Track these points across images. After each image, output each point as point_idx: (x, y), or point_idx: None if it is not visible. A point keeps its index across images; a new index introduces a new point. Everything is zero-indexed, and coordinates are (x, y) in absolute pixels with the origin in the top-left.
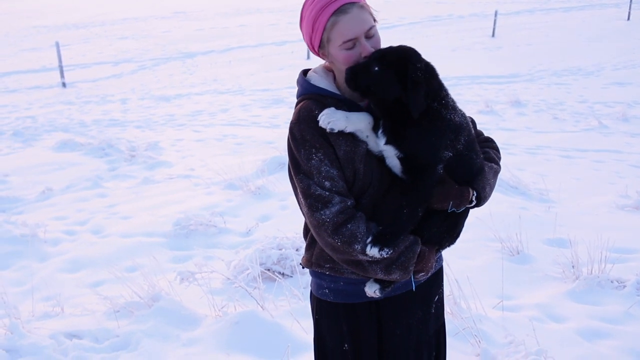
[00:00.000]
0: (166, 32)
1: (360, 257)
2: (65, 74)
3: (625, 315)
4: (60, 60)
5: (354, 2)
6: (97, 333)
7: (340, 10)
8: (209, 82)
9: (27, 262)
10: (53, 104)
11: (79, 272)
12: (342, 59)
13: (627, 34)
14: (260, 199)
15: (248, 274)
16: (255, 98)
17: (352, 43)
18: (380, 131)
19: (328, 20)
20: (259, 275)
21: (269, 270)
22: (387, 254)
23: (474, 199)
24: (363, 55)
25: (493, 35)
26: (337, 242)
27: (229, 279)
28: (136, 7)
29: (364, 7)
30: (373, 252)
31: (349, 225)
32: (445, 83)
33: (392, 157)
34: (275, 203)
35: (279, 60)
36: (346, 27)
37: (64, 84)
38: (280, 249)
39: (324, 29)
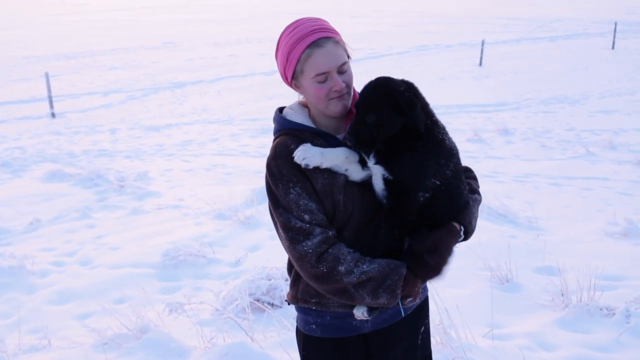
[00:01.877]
0: (156, 63)
1: (345, 280)
2: (54, 104)
3: (615, 343)
4: (49, 91)
5: (329, 37)
6: None
7: (315, 44)
8: (198, 111)
9: (14, 294)
10: (42, 134)
11: (66, 304)
12: (313, 91)
13: (612, 62)
14: (249, 228)
15: (237, 305)
16: (244, 127)
17: (324, 77)
18: (371, 155)
19: (303, 52)
20: (248, 306)
21: (258, 300)
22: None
23: (462, 234)
24: (334, 89)
25: (480, 64)
26: (322, 268)
27: (218, 309)
28: (126, 37)
29: (339, 43)
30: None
31: (330, 250)
32: (434, 111)
33: (378, 176)
34: (265, 233)
35: (268, 90)
36: (320, 60)
37: (53, 115)
38: (269, 279)
39: (298, 60)
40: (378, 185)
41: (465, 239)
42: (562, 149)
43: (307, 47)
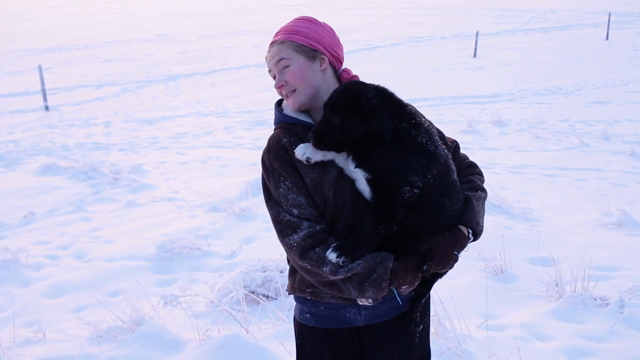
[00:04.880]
0: (149, 55)
1: (332, 278)
2: (48, 97)
3: (609, 333)
4: (43, 84)
5: (275, 41)
6: (80, 359)
7: (269, 48)
8: (192, 104)
9: (8, 287)
10: (36, 127)
11: (61, 297)
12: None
13: (606, 53)
14: (244, 221)
15: (232, 297)
16: (239, 120)
17: (272, 74)
18: (350, 157)
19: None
20: (243, 298)
21: (253, 292)
22: (342, 262)
23: (470, 235)
24: (275, 87)
25: (475, 55)
26: (307, 265)
27: (212, 302)
28: (119, 29)
29: (283, 43)
30: (331, 256)
31: (316, 249)
32: (429, 103)
33: (361, 179)
34: (260, 225)
35: (262, 82)
36: (267, 62)
37: (46, 108)
38: (264, 271)
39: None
40: (364, 191)
41: (475, 239)
42: (556, 140)
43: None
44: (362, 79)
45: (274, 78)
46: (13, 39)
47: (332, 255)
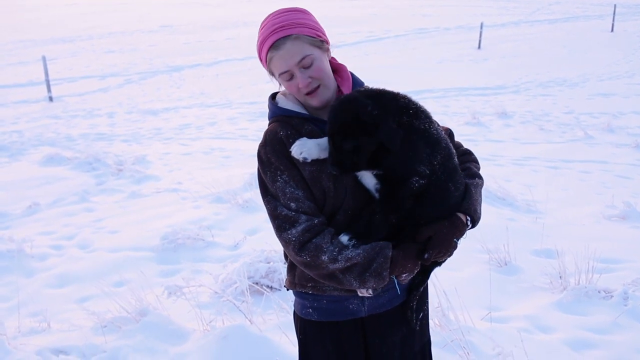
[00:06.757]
0: (153, 46)
1: (331, 267)
2: (52, 88)
3: (612, 325)
4: (47, 74)
5: (287, 36)
6: (84, 349)
7: (274, 47)
8: (196, 95)
9: (13, 277)
10: (40, 118)
11: (65, 287)
12: (287, 87)
13: (611, 45)
14: (248, 212)
15: (236, 288)
16: (242, 111)
17: (289, 75)
18: None
19: (267, 56)
20: (247, 289)
21: (257, 283)
22: (352, 244)
23: (469, 223)
24: (299, 86)
25: (479, 47)
26: (306, 257)
27: (216, 292)
28: (123, 20)
29: (298, 38)
30: (343, 238)
31: (314, 240)
32: (432, 95)
33: (366, 173)
34: (263, 216)
35: (265, 73)
36: (279, 62)
37: (50, 98)
38: (268, 262)
39: (267, 64)
40: (369, 183)
41: (473, 226)
42: (560, 132)
43: (268, 51)
44: (363, 71)
45: (288, 79)
46: (17, 30)
47: (344, 238)
